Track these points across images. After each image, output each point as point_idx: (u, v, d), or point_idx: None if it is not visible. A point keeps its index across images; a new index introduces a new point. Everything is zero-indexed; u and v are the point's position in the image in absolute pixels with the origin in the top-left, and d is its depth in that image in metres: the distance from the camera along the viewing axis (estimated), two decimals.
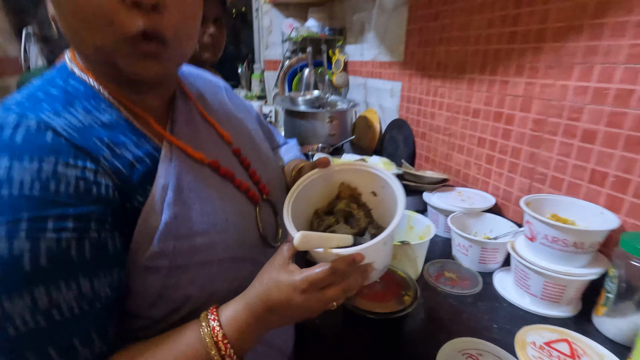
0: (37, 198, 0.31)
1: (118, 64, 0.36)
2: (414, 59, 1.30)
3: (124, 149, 0.38)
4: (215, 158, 0.47)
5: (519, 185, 0.90)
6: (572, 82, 0.74)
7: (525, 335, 0.62)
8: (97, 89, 0.40)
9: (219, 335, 0.37)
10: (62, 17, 0.35)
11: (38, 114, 0.34)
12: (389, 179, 0.48)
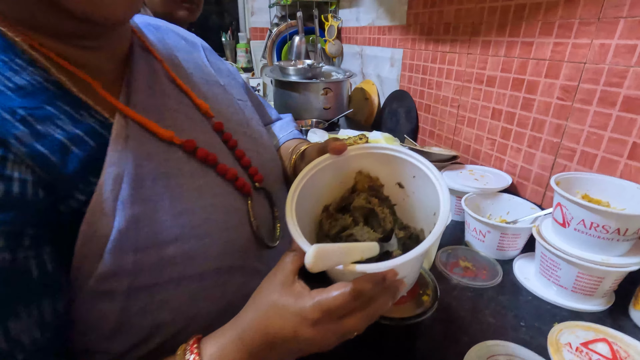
0: None
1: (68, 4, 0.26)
2: (417, 22, 1.17)
3: (52, 125, 0.27)
4: (191, 137, 0.36)
5: (540, 162, 0.81)
6: (615, 40, 0.63)
7: (559, 335, 0.54)
8: (15, 40, 0.27)
9: None
10: None
11: None
12: (424, 167, 0.37)
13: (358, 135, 1.02)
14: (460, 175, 0.90)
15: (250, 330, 0.29)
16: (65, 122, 0.27)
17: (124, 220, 0.28)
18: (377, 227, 0.39)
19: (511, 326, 0.56)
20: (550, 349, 0.51)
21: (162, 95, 0.37)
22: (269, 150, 0.49)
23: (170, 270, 0.30)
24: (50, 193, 0.26)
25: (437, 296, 0.52)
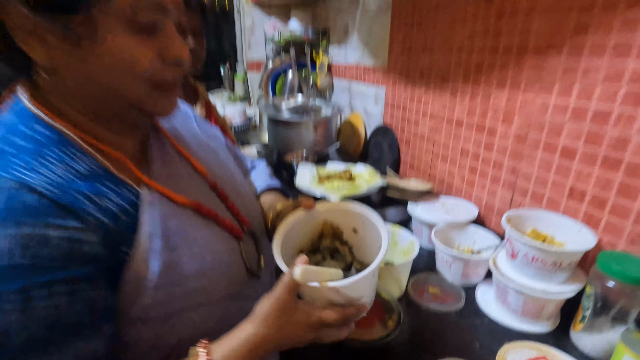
0: (24, 266, 0.29)
1: (140, 104, 0.39)
2: (397, 65, 1.30)
3: (107, 200, 0.36)
4: (195, 198, 0.46)
5: (501, 198, 0.91)
6: (552, 99, 0.75)
7: (506, 354, 0.63)
8: (66, 133, 0.37)
9: None
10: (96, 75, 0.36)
11: (12, 172, 0.31)
12: (370, 216, 0.48)
13: (343, 171, 1.13)
14: (433, 207, 1.00)
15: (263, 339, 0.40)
16: (113, 197, 0.37)
17: (157, 266, 0.38)
18: (340, 262, 0.50)
19: (467, 346, 0.65)
20: None
21: (171, 165, 0.48)
22: (251, 199, 0.60)
23: (192, 299, 0.41)
24: (108, 249, 0.35)
25: (400, 320, 0.62)
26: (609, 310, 0.61)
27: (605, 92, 0.65)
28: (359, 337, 0.58)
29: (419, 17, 1.14)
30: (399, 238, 0.87)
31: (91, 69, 0.35)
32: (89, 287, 0.33)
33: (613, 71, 0.64)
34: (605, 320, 0.62)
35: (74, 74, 0.35)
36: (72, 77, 0.36)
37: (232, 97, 2.26)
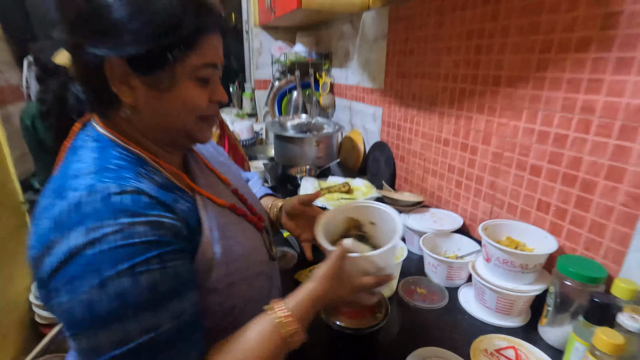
0: (152, 241, 0.41)
1: (191, 133, 0.52)
2: (392, 88, 1.42)
3: (179, 203, 0.48)
4: (229, 201, 0.59)
5: (482, 209, 1.02)
6: (521, 124, 0.87)
7: (480, 344, 0.73)
8: (142, 155, 0.49)
9: (289, 318, 0.49)
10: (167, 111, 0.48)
11: (129, 182, 0.43)
12: (386, 209, 0.66)
13: (342, 183, 1.25)
14: (423, 217, 1.11)
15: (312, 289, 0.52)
16: (181, 201, 0.49)
17: (219, 249, 0.50)
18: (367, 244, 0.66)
19: (448, 337, 0.76)
20: (471, 354, 0.70)
21: (206, 176, 0.61)
22: (258, 202, 0.75)
23: (240, 274, 0.53)
24: (189, 234, 0.47)
25: (387, 313, 0.72)
26: (568, 306, 0.71)
27: (562, 120, 0.77)
28: (352, 326, 0.69)
29: (411, 46, 1.27)
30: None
31: (164, 107, 0.48)
32: (187, 258, 0.46)
33: (567, 102, 0.76)
34: (566, 316, 0.72)
35: (149, 111, 0.48)
36: (147, 112, 0.48)
37: (240, 114, 2.41)
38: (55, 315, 0.41)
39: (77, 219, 0.38)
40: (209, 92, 0.51)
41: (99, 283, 0.37)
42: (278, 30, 2.32)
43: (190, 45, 0.46)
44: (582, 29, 0.71)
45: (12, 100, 1.58)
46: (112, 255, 0.38)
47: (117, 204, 0.40)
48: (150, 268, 0.40)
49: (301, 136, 1.49)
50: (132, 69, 0.45)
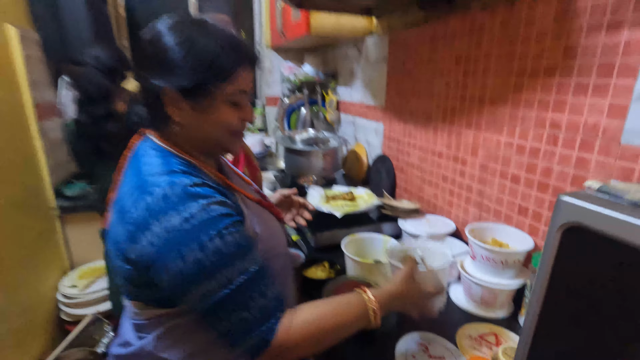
0: (222, 214, 0.55)
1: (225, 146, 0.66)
2: (393, 106, 1.56)
3: (228, 196, 0.62)
4: (257, 197, 0.74)
5: (472, 215, 1.13)
6: (503, 138, 0.99)
7: (465, 330, 0.83)
8: (192, 161, 0.63)
9: (373, 300, 0.63)
10: (207, 127, 0.62)
11: (196, 178, 0.57)
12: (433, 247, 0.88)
13: (346, 192, 1.36)
14: (420, 223, 1.22)
15: (396, 293, 0.66)
16: (229, 196, 0.62)
17: (259, 230, 0.64)
18: None
19: (439, 325, 0.85)
20: (456, 338, 0.80)
21: (235, 178, 0.74)
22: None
23: (271, 252, 0.66)
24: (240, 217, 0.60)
25: None
26: None
27: (535, 134, 0.89)
28: None
29: (408, 68, 1.41)
30: (390, 246, 1.09)
31: (204, 125, 0.61)
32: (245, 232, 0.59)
33: (539, 119, 0.87)
34: None
35: (193, 127, 0.62)
36: (191, 128, 0.62)
37: (251, 128, 2.56)
38: (166, 281, 0.53)
39: (169, 206, 0.52)
40: (240, 112, 0.64)
41: (199, 247, 0.51)
42: (288, 51, 2.49)
43: (226, 78, 0.59)
44: (549, 58, 0.84)
45: (48, 116, 1.74)
46: (202, 226, 0.52)
47: (194, 193, 0.54)
48: (231, 230, 0.54)
49: (309, 149, 1.63)
50: (182, 96, 0.58)
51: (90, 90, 1.28)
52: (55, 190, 1.73)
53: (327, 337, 0.59)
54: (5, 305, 1.36)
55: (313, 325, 0.57)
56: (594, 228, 0.29)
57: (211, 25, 0.60)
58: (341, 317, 0.60)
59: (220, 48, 0.58)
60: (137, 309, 0.63)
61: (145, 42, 0.60)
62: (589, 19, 0.75)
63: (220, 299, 0.52)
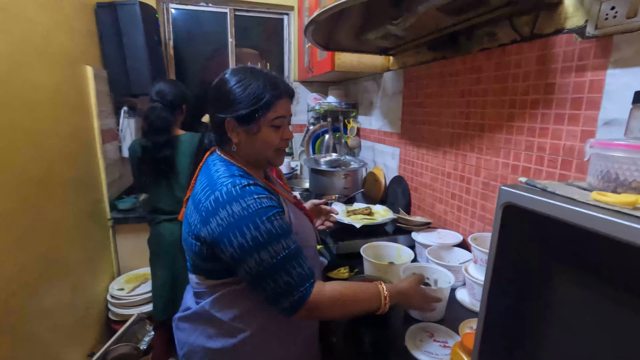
0: (269, 206, 0.74)
1: (270, 160, 0.85)
2: (407, 132, 1.75)
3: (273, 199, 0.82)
4: (295, 200, 0.93)
5: (477, 228, 1.28)
6: (500, 159, 1.15)
7: (467, 323, 0.96)
8: (246, 170, 0.83)
9: (386, 292, 0.80)
10: (257, 145, 0.82)
11: (250, 180, 0.77)
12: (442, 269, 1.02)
13: (364, 207, 1.54)
14: (431, 235, 1.37)
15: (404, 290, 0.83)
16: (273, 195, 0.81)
17: (295, 224, 0.82)
18: None
19: (445, 321, 0.99)
20: (459, 329, 0.94)
21: (278, 185, 0.94)
22: None
23: (304, 242, 0.82)
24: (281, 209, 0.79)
25: None
26: None
27: (526, 156, 1.05)
28: None
29: (421, 100, 1.61)
30: (402, 252, 1.24)
31: (253, 144, 0.82)
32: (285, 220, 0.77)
33: (528, 143, 1.04)
34: None
35: (245, 146, 0.83)
36: (245, 147, 0.83)
37: None
38: (229, 253, 0.72)
39: (232, 198, 0.72)
40: (281, 133, 0.84)
41: (255, 227, 0.71)
42: (313, 84, 2.76)
43: (269, 108, 0.80)
44: (533, 93, 1.01)
45: (109, 140, 2.04)
46: (257, 213, 0.72)
47: (249, 190, 0.74)
48: (277, 217, 0.73)
49: (332, 170, 1.82)
50: (237, 123, 0.81)
51: (156, 122, 1.55)
52: (110, 203, 2.00)
53: (348, 306, 0.76)
54: (71, 301, 1.58)
55: (338, 293, 0.75)
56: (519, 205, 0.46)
57: (258, 70, 0.83)
58: (360, 295, 0.78)
59: (264, 86, 0.80)
60: (199, 280, 0.83)
61: (214, 88, 0.83)
62: (562, 62, 0.92)
63: (270, 266, 0.70)
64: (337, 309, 0.75)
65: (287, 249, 0.72)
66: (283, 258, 0.71)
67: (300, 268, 0.73)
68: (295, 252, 0.74)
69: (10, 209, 1.20)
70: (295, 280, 0.72)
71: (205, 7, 2.60)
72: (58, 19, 1.57)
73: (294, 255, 0.73)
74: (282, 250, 0.71)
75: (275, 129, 0.83)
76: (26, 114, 1.30)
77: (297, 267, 0.72)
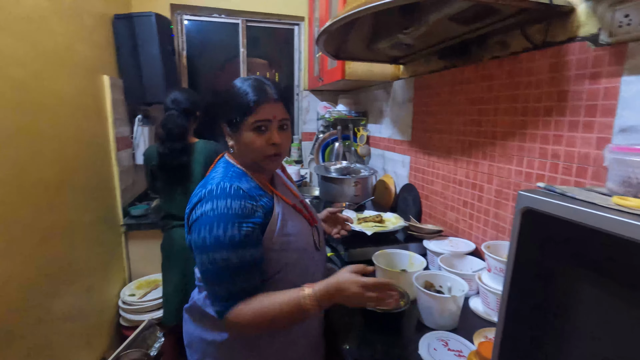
0: (240, 214, 0.75)
1: (261, 164, 0.85)
2: (418, 140, 1.75)
3: (261, 198, 0.83)
4: (293, 202, 0.93)
5: (490, 236, 1.26)
6: (513, 167, 1.14)
7: (482, 332, 0.95)
8: (246, 172, 0.86)
9: (308, 296, 0.76)
10: (243, 149, 0.84)
11: (235, 182, 0.79)
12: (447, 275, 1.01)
13: (375, 215, 1.54)
14: (443, 243, 1.36)
15: (334, 284, 0.77)
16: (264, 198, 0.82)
17: (279, 225, 0.82)
18: None
19: (459, 328, 0.98)
20: (473, 338, 0.93)
21: (283, 187, 0.95)
22: (315, 212, 1.06)
23: (292, 246, 0.83)
24: (264, 217, 0.80)
25: (408, 302, 0.97)
26: None
27: (540, 163, 1.04)
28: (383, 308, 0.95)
29: (431, 108, 1.61)
30: (415, 260, 1.24)
31: (241, 147, 0.84)
32: (256, 228, 0.78)
33: (542, 151, 1.03)
34: None
35: (237, 149, 0.86)
36: (237, 150, 0.86)
37: (288, 160, 2.82)
38: (194, 241, 0.76)
39: (211, 197, 0.76)
40: (266, 137, 0.83)
41: (223, 228, 0.74)
42: (323, 93, 2.79)
43: (249, 112, 0.81)
44: (547, 100, 1.01)
45: (123, 147, 2.08)
46: (232, 216, 0.75)
47: (234, 192, 0.77)
48: (248, 227, 0.75)
49: (342, 177, 1.83)
50: (228, 128, 0.85)
51: (173, 130, 1.59)
52: (122, 209, 2.03)
53: (275, 323, 0.76)
54: (84, 306, 1.60)
55: (259, 315, 0.75)
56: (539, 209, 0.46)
57: (249, 78, 0.85)
58: (286, 308, 0.75)
59: (244, 92, 0.82)
60: (198, 275, 0.87)
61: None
62: (575, 70, 0.93)
63: (215, 269, 0.75)
64: (255, 328, 0.78)
65: (238, 260, 0.75)
66: (226, 267, 0.74)
67: (233, 284, 0.76)
68: (239, 267, 0.75)
69: (30, 213, 1.23)
70: (221, 294, 0.76)
71: (218, 18, 2.66)
72: (79, 30, 1.63)
73: (235, 270, 0.75)
74: (232, 260, 0.74)
75: (258, 133, 0.82)
76: (47, 120, 1.34)
77: (230, 282, 0.75)
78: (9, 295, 1.11)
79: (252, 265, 0.77)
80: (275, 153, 0.85)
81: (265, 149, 0.83)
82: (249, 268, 0.77)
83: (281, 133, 0.85)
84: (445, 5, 1.04)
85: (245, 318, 0.75)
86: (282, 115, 0.85)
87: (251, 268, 0.77)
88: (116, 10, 2.07)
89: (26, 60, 1.24)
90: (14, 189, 1.15)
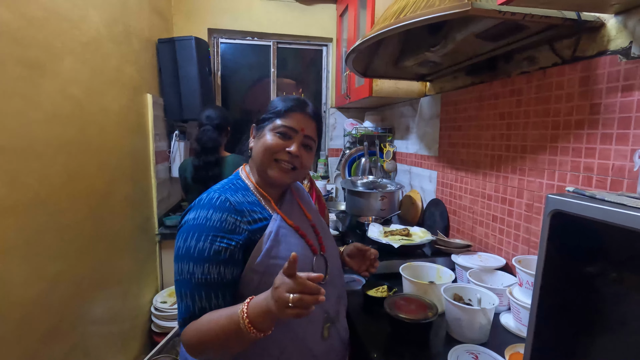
0: (218, 227, 0.76)
1: (267, 171, 0.85)
2: (445, 155, 1.76)
3: (255, 214, 0.83)
4: (299, 225, 0.90)
5: (521, 251, 1.24)
6: (544, 181, 1.13)
7: (513, 348, 0.93)
8: (249, 185, 0.89)
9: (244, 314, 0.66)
10: (258, 149, 0.86)
11: (227, 194, 0.81)
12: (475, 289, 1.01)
13: (402, 228, 1.54)
14: (471, 258, 1.34)
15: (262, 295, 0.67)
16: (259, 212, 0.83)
17: (268, 246, 0.80)
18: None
19: (490, 343, 0.96)
20: (505, 353, 0.91)
21: (292, 207, 0.94)
22: (332, 241, 1.03)
23: (277, 268, 0.69)
24: (249, 234, 0.80)
25: (436, 314, 0.97)
26: None
27: (572, 177, 1.03)
28: (411, 318, 0.95)
29: (459, 123, 1.63)
30: (442, 273, 1.23)
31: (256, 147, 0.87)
32: (236, 246, 0.76)
33: (574, 164, 1.02)
34: None
35: (254, 151, 0.88)
36: (254, 152, 0.88)
37: (315, 176, 2.87)
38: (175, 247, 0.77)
39: (197, 206, 0.79)
40: (285, 143, 0.84)
41: (196, 239, 0.74)
42: (350, 110, 2.86)
43: (278, 115, 0.86)
44: (578, 113, 1.01)
45: (160, 161, 2.21)
46: (203, 227, 0.75)
47: (219, 205, 0.78)
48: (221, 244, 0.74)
49: (369, 191, 1.85)
50: (256, 127, 0.91)
51: (208, 143, 1.70)
52: (158, 219, 2.13)
53: (207, 346, 0.70)
54: (120, 311, 1.68)
55: (196, 336, 0.70)
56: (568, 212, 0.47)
57: (286, 95, 0.91)
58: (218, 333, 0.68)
59: (280, 100, 0.89)
60: None
61: None
62: (607, 83, 0.93)
63: (181, 280, 0.74)
64: (195, 349, 0.72)
65: (202, 275, 0.72)
66: (190, 281, 0.73)
67: (192, 301, 0.72)
68: (204, 285, 0.72)
69: (79, 219, 1.33)
70: (180, 309, 0.74)
71: (251, 41, 2.82)
72: (128, 53, 1.78)
73: (199, 287, 0.73)
74: (200, 273, 0.72)
75: (280, 136, 0.84)
76: (97, 134, 1.47)
77: (190, 298, 0.73)
78: (56, 295, 1.20)
79: (218, 284, 0.73)
80: (290, 163, 0.84)
81: (278, 151, 0.83)
82: (215, 287, 0.73)
83: (302, 149, 0.86)
84: (472, 23, 1.08)
85: (188, 336, 0.71)
86: (310, 132, 0.87)
87: (217, 287, 0.73)
88: (160, 35, 2.25)
89: (83, 80, 1.37)
90: (64, 196, 1.25)
